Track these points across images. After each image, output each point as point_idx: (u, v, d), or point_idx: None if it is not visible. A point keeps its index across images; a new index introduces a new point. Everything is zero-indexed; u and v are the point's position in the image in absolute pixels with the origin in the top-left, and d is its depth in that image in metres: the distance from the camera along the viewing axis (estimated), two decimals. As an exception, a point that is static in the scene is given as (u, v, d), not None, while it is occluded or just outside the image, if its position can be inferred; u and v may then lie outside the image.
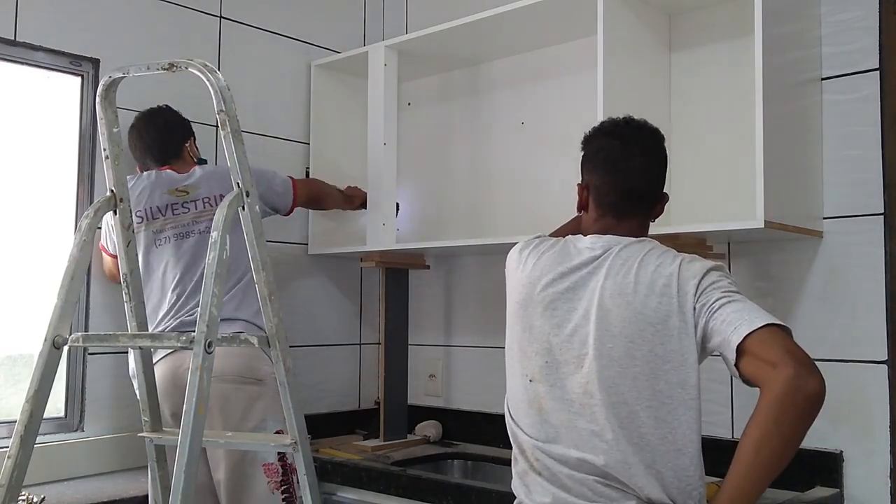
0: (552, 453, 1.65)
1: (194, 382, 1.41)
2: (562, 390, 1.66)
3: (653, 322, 1.60)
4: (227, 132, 1.56)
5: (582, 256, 1.71)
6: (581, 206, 1.84)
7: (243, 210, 1.59)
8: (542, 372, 1.69)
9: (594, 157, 1.81)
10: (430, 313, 3.27)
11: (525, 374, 1.73)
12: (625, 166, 1.76)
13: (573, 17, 2.64)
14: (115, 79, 1.67)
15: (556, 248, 1.78)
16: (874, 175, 2.25)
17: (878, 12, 2.27)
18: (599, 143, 1.81)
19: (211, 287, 1.45)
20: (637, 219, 1.80)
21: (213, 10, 3.01)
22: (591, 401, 1.62)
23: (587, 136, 1.85)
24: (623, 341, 1.61)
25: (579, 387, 1.64)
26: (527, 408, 1.72)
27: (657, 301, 1.61)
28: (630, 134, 1.81)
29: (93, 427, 2.63)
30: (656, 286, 1.62)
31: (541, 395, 1.69)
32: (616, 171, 1.77)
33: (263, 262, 1.61)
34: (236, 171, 1.57)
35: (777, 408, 1.43)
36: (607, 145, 1.79)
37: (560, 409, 1.66)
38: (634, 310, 1.61)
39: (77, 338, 1.65)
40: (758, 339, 1.49)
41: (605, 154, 1.79)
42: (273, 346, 1.63)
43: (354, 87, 3.34)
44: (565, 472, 1.63)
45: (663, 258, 1.67)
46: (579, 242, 1.76)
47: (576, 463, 1.62)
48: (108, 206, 1.68)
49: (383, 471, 2.61)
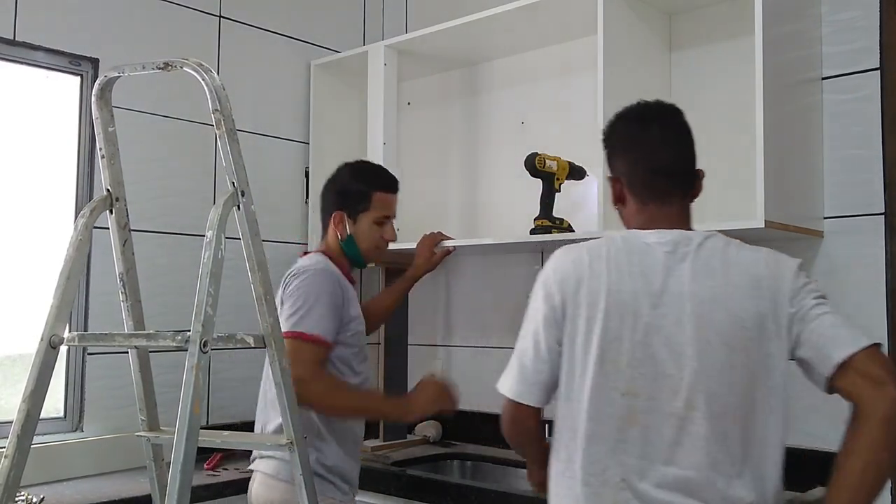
0: (647, 472, 1.52)
1: (189, 381, 1.40)
2: (659, 402, 1.53)
3: (749, 326, 1.52)
4: (221, 132, 1.55)
5: (656, 256, 1.58)
6: (617, 199, 1.72)
7: (238, 209, 1.57)
8: (638, 384, 1.54)
9: (615, 142, 1.73)
10: (430, 313, 3.27)
11: (615, 387, 1.55)
12: (644, 141, 1.68)
13: (573, 16, 2.63)
14: (111, 78, 1.67)
15: (623, 250, 1.61)
16: (874, 175, 2.25)
17: (878, 12, 2.27)
18: (616, 127, 1.74)
19: (206, 286, 1.45)
20: (677, 199, 1.67)
21: (213, 10, 3.00)
22: (695, 414, 1.51)
23: (605, 129, 1.77)
24: (723, 350, 1.52)
25: (681, 400, 1.52)
26: (616, 422, 1.54)
27: (752, 304, 1.53)
28: (646, 112, 1.74)
29: (92, 427, 2.63)
30: (748, 288, 1.54)
31: (637, 410, 1.54)
32: (636, 147, 1.68)
33: (259, 261, 1.60)
34: (231, 171, 1.56)
35: (885, 428, 1.42)
36: (624, 127, 1.73)
37: (662, 424, 1.53)
38: (731, 315, 1.52)
39: (73, 337, 1.65)
40: (860, 357, 1.47)
41: (623, 135, 1.72)
42: (269, 346, 1.62)
43: (354, 86, 3.34)
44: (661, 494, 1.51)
45: (742, 254, 1.59)
46: (645, 238, 1.62)
47: (673, 481, 1.51)
48: (104, 206, 1.68)
49: (383, 471, 2.61)
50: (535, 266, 2.99)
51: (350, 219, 2.30)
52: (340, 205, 2.31)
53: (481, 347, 3.13)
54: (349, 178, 2.34)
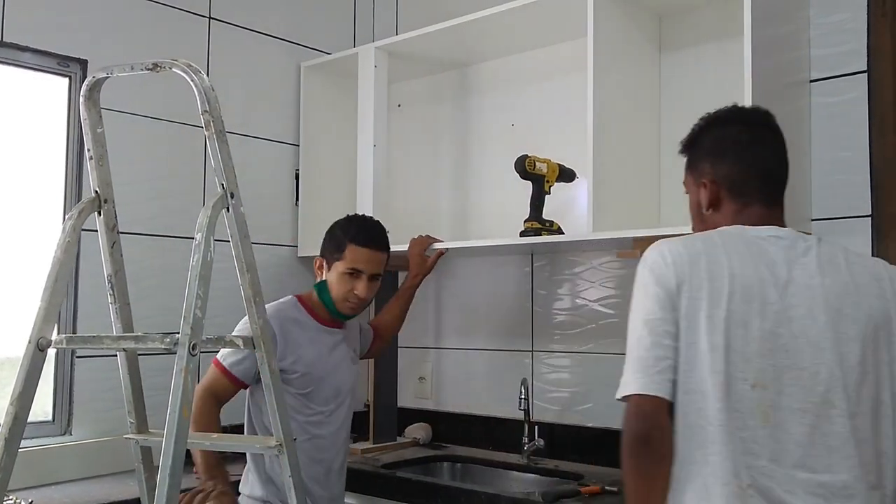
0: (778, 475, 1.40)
1: (178, 384, 1.40)
2: (789, 397, 1.42)
3: (879, 325, 1.48)
4: (211, 133, 1.54)
5: (776, 247, 1.51)
6: (710, 204, 1.63)
7: (227, 212, 1.56)
8: (767, 376, 1.43)
9: (717, 146, 1.63)
10: (420, 316, 3.27)
11: (743, 378, 1.42)
12: (758, 148, 1.61)
13: (563, 18, 2.64)
14: (99, 79, 1.66)
15: (738, 238, 1.52)
16: (862, 177, 2.26)
17: (866, 15, 2.28)
18: (721, 131, 1.64)
19: (195, 289, 1.44)
20: (780, 207, 1.62)
21: (202, 11, 3.00)
22: (832, 412, 1.42)
23: (698, 130, 1.69)
24: (858, 345, 1.45)
25: (817, 395, 1.42)
26: (746, 419, 1.42)
27: (879, 303, 1.49)
28: (749, 116, 1.68)
29: (81, 430, 2.62)
30: (872, 287, 1.50)
31: (767, 403, 1.42)
32: (750, 154, 1.61)
33: (248, 263, 1.60)
34: (220, 172, 1.55)
35: None
36: (731, 132, 1.63)
37: (793, 421, 1.42)
38: (863, 310, 1.47)
39: (61, 339, 1.64)
40: None
41: (731, 140, 1.62)
42: (258, 348, 1.61)
43: (344, 88, 3.34)
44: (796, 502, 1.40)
45: (859, 255, 1.57)
46: (757, 232, 1.54)
47: (812, 486, 1.40)
48: (92, 208, 1.66)
49: (373, 473, 2.61)
50: (526, 268, 2.99)
51: (326, 266, 2.35)
52: (323, 250, 2.37)
53: (472, 349, 3.13)
54: (336, 226, 2.39)
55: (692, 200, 1.68)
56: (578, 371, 2.83)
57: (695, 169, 1.67)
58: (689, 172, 1.69)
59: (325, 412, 2.30)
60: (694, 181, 1.67)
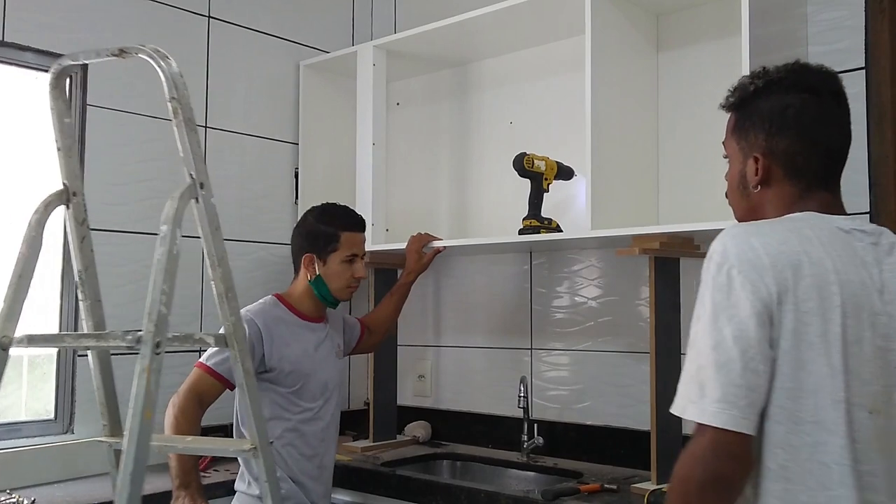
0: None
1: (141, 385, 1.32)
2: None
3: None
4: (179, 121, 1.47)
5: (862, 243, 1.33)
6: (761, 181, 1.41)
7: (197, 202, 1.49)
8: (879, 400, 1.26)
9: (777, 116, 1.40)
10: (419, 314, 3.27)
11: (861, 404, 1.24)
12: (825, 124, 1.40)
13: (561, 17, 2.64)
14: (66, 66, 1.61)
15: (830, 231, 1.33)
16: (860, 174, 2.26)
17: (863, 11, 2.28)
18: (782, 99, 1.41)
19: (160, 284, 1.36)
20: (838, 187, 1.43)
21: (202, 10, 3.00)
22: None
23: (753, 91, 1.45)
24: None
25: None
26: (867, 448, 1.24)
27: None
28: (819, 83, 1.43)
29: (83, 429, 2.62)
30: None
31: (882, 430, 1.25)
32: (815, 130, 1.39)
33: (220, 257, 1.52)
34: (189, 162, 1.49)
35: None
36: (795, 101, 1.40)
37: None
38: None
39: (23, 338, 1.54)
40: None
41: (795, 111, 1.39)
42: (231, 346, 1.53)
43: (343, 87, 3.34)
44: None
45: None
46: (838, 223, 1.35)
47: None
48: (59, 201, 1.61)
49: (373, 471, 2.62)
50: (524, 266, 3.00)
51: (320, 260, 2.36)
52: (310, 247, 2.38)
53: (470, 347, 3.14)
54: (316, 221, 2.40)
55: (734, 171, 1.48)
56: (577, 369, 2.83)
57: (743, 136, 1.45)
58: (735, 138, 1.47)
59: (314, 408, 2.33)
60: (741, 149, 1.45)
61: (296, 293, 2.40)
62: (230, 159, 3.06)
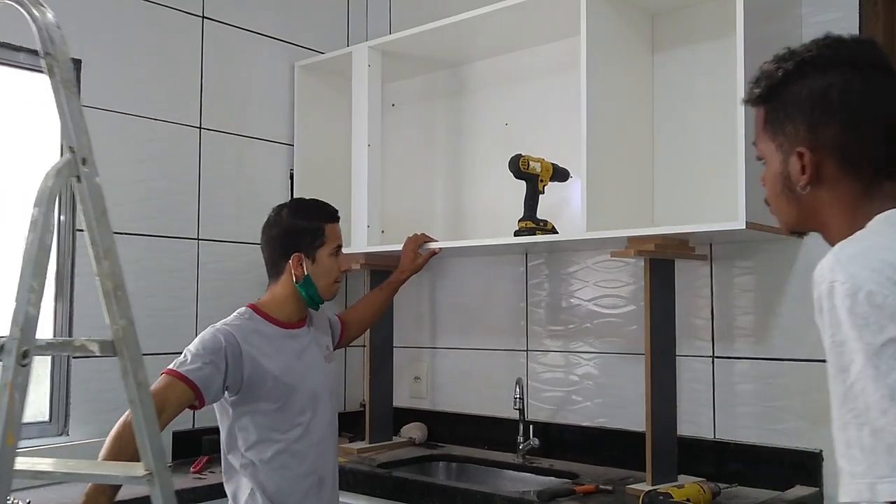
0: None
1: (2, 405, 1.05)
2: None
3: None
4: (55, 80, 1.23)
5: None
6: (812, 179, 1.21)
7: (79, 181, 1.23)
8: None
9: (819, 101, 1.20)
10: (415, 315, 3.27)
11: None
12: (875, 99, 1.19)
13: (556, 17, 2.64)
14: None
15: None
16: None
17: (858, 13, 2.29)
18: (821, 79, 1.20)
19: (28, 280, 1.09)
20: None
21: (196, 11, 2.99)
22: None
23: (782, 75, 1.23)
24: None
25: None
26: None
27: None
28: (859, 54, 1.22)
29: (78, 431, 2.62)
30: None
31: None
32: (865, 109, 1.19)
33: (106, 248, 1.23)
34: (69, 132, 1.23)
35: None
36: (836, 79, 1.19)
37: None
38: None
39: None
40: None
41: (839, 90, 1.19)
42: (120, 355, 1.21)
43: (338, 87, 3.34)
44: None
45: None
46: None
47: None
48: None
49: (369, 473, 2.62)
50: (520, 267, 3.00)
51: (308, 258, 2.24)
52: (296, 247, 2.24)
53: (467, 349, 3.14)
54: (294, 219, 2.27)
55: (773, 173, 1.27)
56: (573, 370, 2.83)
57: (779, 130, 1.25)
58: (769, 134, 1.27)
59: (303, 422, 2.18)
60: (778, 146, 1.25)
61: (274, 300, 2.25)
62: (225, 160, 3.06)
